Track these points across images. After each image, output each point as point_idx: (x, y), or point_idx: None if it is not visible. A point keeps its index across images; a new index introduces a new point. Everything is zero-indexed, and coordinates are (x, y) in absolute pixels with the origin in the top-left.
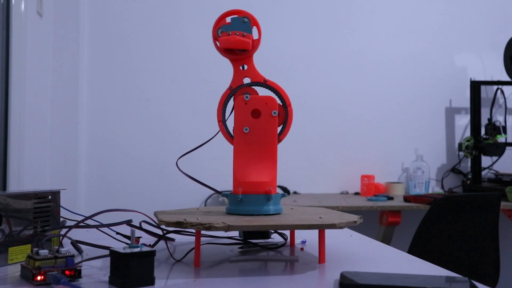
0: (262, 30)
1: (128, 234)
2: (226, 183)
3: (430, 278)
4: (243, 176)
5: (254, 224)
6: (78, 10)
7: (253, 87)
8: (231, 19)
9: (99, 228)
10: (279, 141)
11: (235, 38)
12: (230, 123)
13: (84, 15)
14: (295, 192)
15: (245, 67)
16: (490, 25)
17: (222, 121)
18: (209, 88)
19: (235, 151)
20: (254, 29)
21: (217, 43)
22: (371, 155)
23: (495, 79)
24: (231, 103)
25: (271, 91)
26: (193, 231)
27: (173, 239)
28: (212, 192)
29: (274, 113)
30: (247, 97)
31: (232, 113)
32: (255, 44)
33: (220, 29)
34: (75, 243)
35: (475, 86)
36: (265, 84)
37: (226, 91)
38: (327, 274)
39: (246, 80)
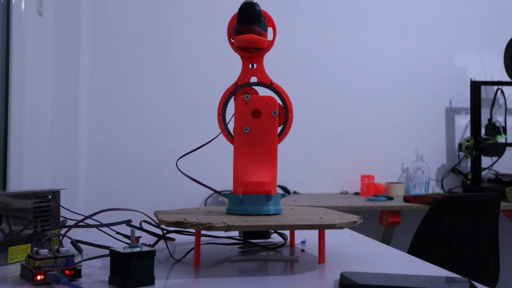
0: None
1: (128, 234)
2: (226, 183)
3: (430, 278)
4: (243, 176)
5: (254, 224)
6: (79, 10)
7: (256, 87)
8: None
9: (99, 228)
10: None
11: (252, 37)
12: (230, 125)
13: (85, 15)
14: (295, 192)
15: (255, 65)
16: (490, 25)
17: (222, 115)
18: (209, 88)
19: (235, 151)
20: (270, 30)
21: (232, 40)
22: (371, 155)
23: (495, 79)
24: (231, 105)
25: (276, 94)
26: (193, 231)
27: (173, 239)
28: (212, 192)
29: (275, 113)
30: (247, 97)
31: (232, 116)
32: (269, 44)
33: (235, 26)
34: (75, 243)
35: (475, 86)
36: (271, 86)
37: (231, 87)
38: (327, 274)
39: (253, 79)
